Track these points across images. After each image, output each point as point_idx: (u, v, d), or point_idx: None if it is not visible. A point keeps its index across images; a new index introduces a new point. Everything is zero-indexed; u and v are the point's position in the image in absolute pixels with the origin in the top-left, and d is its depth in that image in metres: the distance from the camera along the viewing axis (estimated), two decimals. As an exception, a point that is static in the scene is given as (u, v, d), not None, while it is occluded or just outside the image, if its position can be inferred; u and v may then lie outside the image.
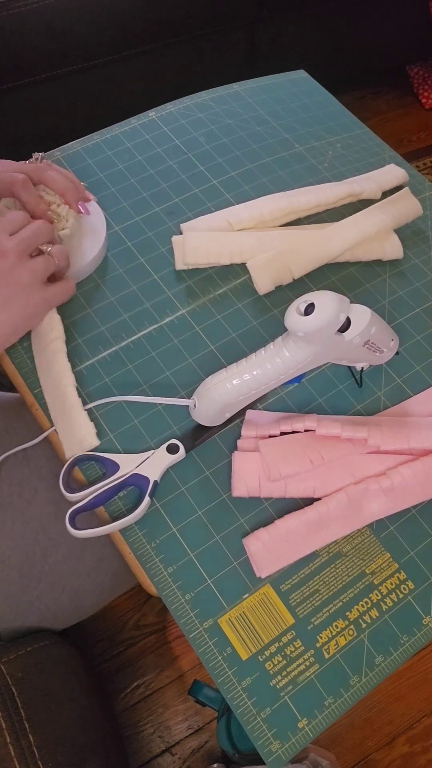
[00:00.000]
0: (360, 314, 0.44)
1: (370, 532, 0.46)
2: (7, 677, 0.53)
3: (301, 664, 0.42)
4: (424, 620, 0.44)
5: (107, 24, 1.09)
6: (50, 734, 0.52)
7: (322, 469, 0.47)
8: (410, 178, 0.66)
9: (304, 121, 0.70)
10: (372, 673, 0.42)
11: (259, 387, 0.45)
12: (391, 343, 0.49)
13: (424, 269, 0.60)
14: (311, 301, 0.41)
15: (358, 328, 0.44)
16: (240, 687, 0.41)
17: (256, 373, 0.44)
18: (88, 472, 0.47)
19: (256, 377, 0.44)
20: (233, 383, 0.44)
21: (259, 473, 0.46)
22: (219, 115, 0.69)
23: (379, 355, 0.49)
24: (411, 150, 1.58)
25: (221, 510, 0.46)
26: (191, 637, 0.42)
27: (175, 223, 0.61)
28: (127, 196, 0.62)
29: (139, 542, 0.45)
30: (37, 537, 0.55)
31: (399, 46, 1.53)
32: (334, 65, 1.49)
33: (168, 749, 0.90)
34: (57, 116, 1.21)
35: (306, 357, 0.43)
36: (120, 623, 0.98)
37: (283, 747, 0.40)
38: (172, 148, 0.66)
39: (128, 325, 0.54)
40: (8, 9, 0.99)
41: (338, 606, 0.44)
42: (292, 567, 0.45)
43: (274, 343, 0.44)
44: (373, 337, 0.46)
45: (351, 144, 0.69)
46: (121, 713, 0.92)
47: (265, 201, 0.61)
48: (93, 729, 0.60)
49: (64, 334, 0.51)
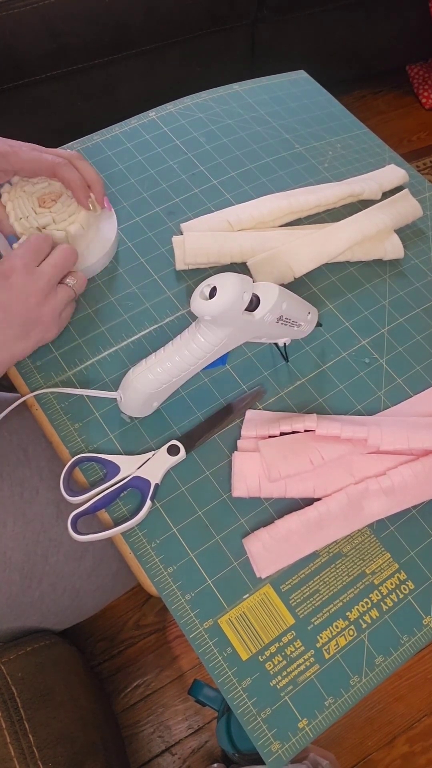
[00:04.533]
0: (268, 292, 0.45)
1: (370, 532, 0.46)
2: (7, 677, 0.53)
3: (301, 664, 0.42)
4: (424, 620, 0.44)
5: (107, 24, 1.09)
6: (50, 734, 0.52)
7: (322, 469, 0.47)
8: (410, 179, 0.66)
9: (304, 122, 0.70)
10: (372, 674, 0.42)
11: (180, 374, 0.45)
12: (308, 316, 0.50)
13: (424, 269, 0.60)
14: (213, 284, 0.41)
15: (267, 306, 0.44)
16: (240, 687, 0.41)
17: (177, 360, 0.44)
18: (88, 473, 0.47)
19: (176, 364, 0.44)
20: (155, 372, 0.45)
21: (259, 473, 0.46)
22: (219, 116, 0.69)
23: (298, 329, 0.50)
24: (411, 150, 1.58)
25: (221, 510, 0.46)
26: (191, 637, 0.42)
27: (175, 223, 0.61)
28: (127, 196, 0.62)
29: (139, 542, 0.45)
30: (38, 538, 0.55)
31: (399, 46, 1.53)
32: (334, 65, 1.49)
33: (168, 749, 0.90)
34: (57, 116, 1.21)
35: (220, 339, 0.44)
36: (120, 623, 0.98)
37: (284, 747, 0.40)
38: (172, 148, 0.66)
39: (128, 325, 0.54)
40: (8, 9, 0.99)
41: (338, 606, 0.44)
42: (293, 567, 0.45)
43: (188, 329, 0.45)
44: (286, 313, 0.46)
45: (351, 144, 0.69)
46: (121, 713, 0.92)
47: (265, 201, 0.61)
48: (93, 729, 0.60)
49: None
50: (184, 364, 0.44)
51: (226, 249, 0.56)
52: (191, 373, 0.46)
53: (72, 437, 0.49)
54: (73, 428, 0.49)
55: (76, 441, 0.49)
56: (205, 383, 0.52)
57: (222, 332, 0.43)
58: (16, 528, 0.54)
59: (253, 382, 0.52)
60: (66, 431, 0.49)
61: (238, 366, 0.53)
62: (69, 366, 0.52)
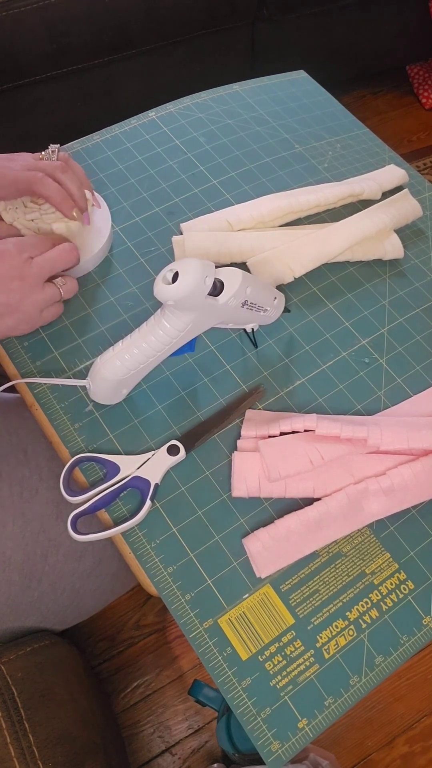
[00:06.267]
0: (232, 276, 0.45)
1: (370, 532, 0.46)
2: (7, 677, 0.53)
3: (301, 664, 0.42)
4: (424, 620, 0.44)
5: (107, 24, 1.09)
6: (50, 734, 0.52)
7: (322, 469, 0.47)
8: (410, 179, 0.66)
9: (304, 122, 0.70)
10: (372, 673, 0.42)
11: (148, 360, 0.45)
12: (275, 301, 0.50)
13: (424, 269, 0.60)
14: (175, 269, 0.41)
15: (231, 290, 0.44)
16: (240, 687, 0.41)
17: (144, 346, 0.44)
18: (88, 473, 0.47)
19: (143, 350, 0.45)
20: (123, 359, 0.45)
21: (259, 473, 0.46)
22: (219, 115, 0.69)
23: (264, 314, 0.50)
24: (411, 150, 1.58)
25: (221, 510, 0.46)
26: (191, 637, 0.42)
27: (175, 223, 0.61)
28: (127, 196, 0.62)
29: (139, 542, 0.45)
30: (37, 538, 0.55)
31: (399, 46, 1.53)
32: (334, 65, 1.49)
33: (168, 749, 0.90)
34: (57, 116, 1.21)
35: (185, 324, 0.44)
36: (120, 623, 0.98)
37: (283, 747, 0.40)
38: (172, 148, 0.66)
39: (128, 325, 0.54)
40: (8, 9, 0.99)
41: (338, 606, 0.44)
42: (292, 567, 0.45)
43: (153, 315, 0.45)
44: (251, 298, 0.46)
45: (351, 144, 0.69)
46: (121, 713, 0.92)
47: (264, 201, 0.61)
48: (93, 729, 0.60)
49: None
50: (151, 350, 0.45)
51: (226, 249, 0.56)
52: (159, 358, 0.46)
53: (72, 437, 0.49)
54: (73, 428, 0.49)
55: (76, 441, 0.49)
56: (205, 383, 0.52)
57: (187, 317, 0.44)
58: (15, 528, 0.54)
59: (253, 382, 0.52)
60: (66, 431, 0.49)
61: (238, 366, 0.53)
62: (69, 366, 0.52)
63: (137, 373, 0.46)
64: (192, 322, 0.44)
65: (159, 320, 0.44)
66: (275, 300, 0.50)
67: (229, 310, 0.46)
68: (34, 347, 0.53)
